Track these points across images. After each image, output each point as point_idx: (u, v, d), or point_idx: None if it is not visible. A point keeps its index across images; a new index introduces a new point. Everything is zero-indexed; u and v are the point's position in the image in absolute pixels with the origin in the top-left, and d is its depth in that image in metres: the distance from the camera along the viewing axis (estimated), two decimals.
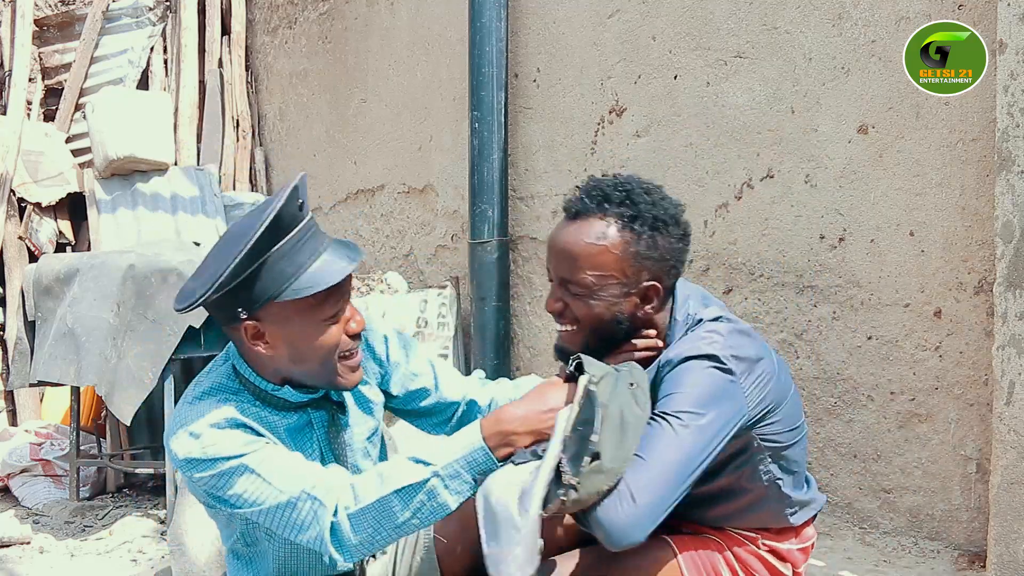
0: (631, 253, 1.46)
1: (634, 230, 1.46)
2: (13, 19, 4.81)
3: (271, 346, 1.41)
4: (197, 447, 1.38)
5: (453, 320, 3.31)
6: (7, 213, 4.34)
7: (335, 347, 1.42)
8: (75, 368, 3.09)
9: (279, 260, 1.35)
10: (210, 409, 1.42)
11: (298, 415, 1.50)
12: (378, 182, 3.98)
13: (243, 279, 1.34)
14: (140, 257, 3.03)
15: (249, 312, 1.37)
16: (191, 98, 4.81)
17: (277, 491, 1.37)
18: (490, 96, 3.12)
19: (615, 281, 1.47)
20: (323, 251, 1.39)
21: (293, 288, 1.35)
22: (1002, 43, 1.89)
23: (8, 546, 3.07)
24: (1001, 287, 1.89)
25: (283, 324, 1.39)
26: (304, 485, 1.36)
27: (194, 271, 1.43)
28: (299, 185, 1.37)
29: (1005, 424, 1.89)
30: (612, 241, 1.46)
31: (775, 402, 1.47)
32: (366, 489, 1.34)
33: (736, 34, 2.53)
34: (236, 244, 1.34)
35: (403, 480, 1.33)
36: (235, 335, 1.43)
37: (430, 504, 1.33)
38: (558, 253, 1.50)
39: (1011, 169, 1.87)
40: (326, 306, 1.39)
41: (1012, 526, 1.88)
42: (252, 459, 1.38)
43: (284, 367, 1.44)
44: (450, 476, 1.32)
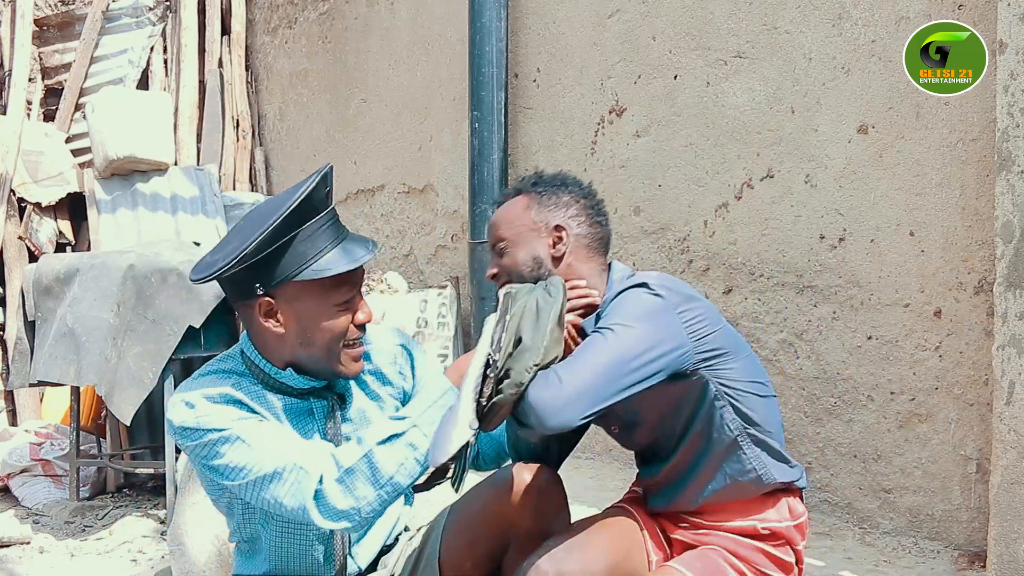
0: (535, 206, 1.69)
1: (538, 191, 1.71)
2: (13, 19, 4.81)
3: (281, 324, 1.45)
4: (191, 416, 1.43)
5: (453, 320, 3.31)
6: (7, 213, 4.34)
7: (342, 333, 1.47)
8: (75, 368, 3.09)
9: (302, 241, 1.41)
10: (209, 384, 1.47)
11: (300, 402, 1.52)
12: (378, 182, 3.98)
13: (266, 254, 1.39)
14: (140, 257, 3.03)
15: (266, 288, 1.42)
16: (191, 98, 4.81)
17: (262, 460, 1.40)
18: (490, 96, 3.12)
19: (526, 229, 1.68)
20: (343, 239, 1.46)
21: (312, 269, 1.41)
22: (1002, 43, 1.89)
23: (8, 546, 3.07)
24: (1001, 287, 1.89)
25: (296, 304, 1.44)
26: (290, 455, 1.40)
27: (216, 247, 1.47)
28: (328, 173, 1.44)
29: (1005, 424, 1.89)
30: (519, 201, 1.71)
31: (726, 348, 1.57)
32: (347, 453, 1.40)
33: (736, 34, 2.53)
34: (262, 221, 1.39)
35: (383, 433, 1.39)
36: (247, 312, 1.47)
37: (413, 455, 1.38)
38: (488, 231, 1.75)
39: (1011, 169, 1.87)
40: (339, 292, 1.45)
41: (1012, 526, 1.88)
42: (240, 428, 1.42)
43: (291, 348, 1.47)
44: (427, 423, 1.39)
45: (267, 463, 1.39)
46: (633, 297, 1.54)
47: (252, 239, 1.37)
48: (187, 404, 1.44)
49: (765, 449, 1.62)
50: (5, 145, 4.33)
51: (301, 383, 1.51)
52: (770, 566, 1.63)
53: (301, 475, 1.39)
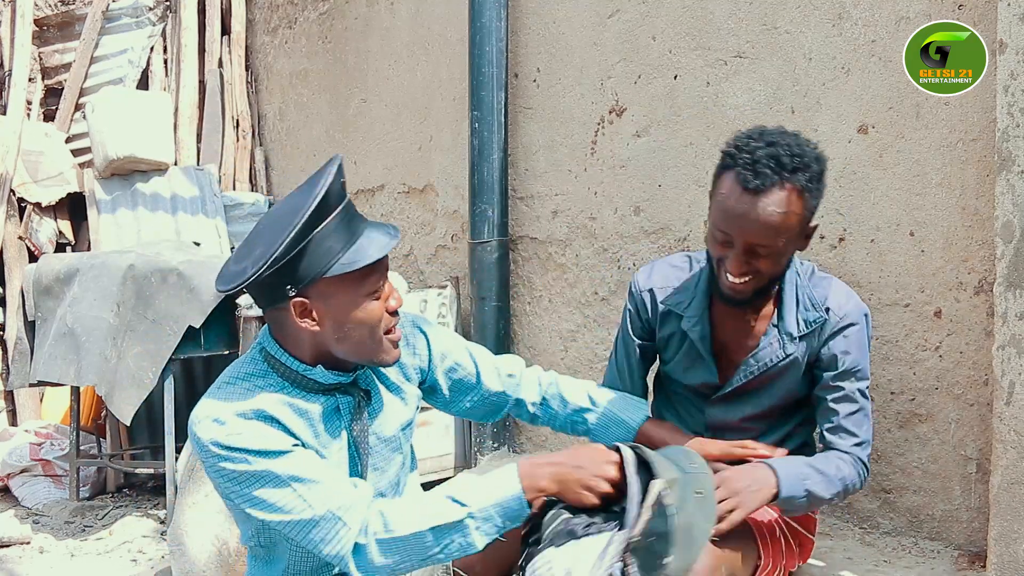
0: (809, 209, 1.65)
1: (809, 190, 1.63)
2: (13, 19, 4.82)
3: (317, 322, 1.44)
4: (222, 433, 1.40)
5: (453, 320, 3.31)
6: (7, 213, 4.34)
7: (378, 321, 1.47)
8: (75, 368, 3.09)
9: (327, 237, 1.40)
10: (237, 396, 1.45)
11: (326, 398, 1.51)
12: (378, 182, 3.98)
13: (293, 255, 1.37)
14: (140, 257, 3.04)
15: (298, 289, 1.41)
16: (191, 98, 4.81)
17: (303, 505, 1.39)
18: (490, 96, 3.12)
19: (796, 234, 1.66)
20: (365, 228, 1.45)
21: (341, 263, 1.40)
22: (1002, 43, 1.89)
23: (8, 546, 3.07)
24: (1001, 287, 1.89)
25: (329, 300, 1.43)
26: (330, 504, 1.39)
27: (237, 255, 1.44)
28: (341, 164, 1.43)
29: (1005, 424, 1.89)
30: (796, 207, 1.62)
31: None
32: (399, 519, 1.39)
33: (736, 34, 2.53)
34: (286, 222, 1.38)
35: (439, 519, 1.39)
36: (280, 315, 1.46)
37: (459, 541, 1.40)
38: (749, 227, 1.62)
39: (1011, 169, 1.87)
40: (369, 281, 1.44)
41: (1012, 526, 1.88)
42: (280, 466, 1.40)
43: (327, 344, 1.47)
44: (483, 519, 1.40)
45: (307, 507, 1.39)
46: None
47: (280, 242, 1.35)
48: (216, 420, 1.41)
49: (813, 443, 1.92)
50: (5, 145, 4.33)
51: (331, 379, 1.50)
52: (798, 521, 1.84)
53: (342, 528, 1.39)
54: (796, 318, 1.75)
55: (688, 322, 1.83)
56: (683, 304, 1.85)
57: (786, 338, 1.75)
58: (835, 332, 1.74)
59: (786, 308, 1.76)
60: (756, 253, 1.64)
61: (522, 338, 3.29)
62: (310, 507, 1.39)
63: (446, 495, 1.41)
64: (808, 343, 1.76)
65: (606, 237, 2.96)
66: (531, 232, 3.22)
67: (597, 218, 2.98)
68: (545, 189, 3.16)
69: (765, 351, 1.77)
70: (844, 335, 1.74)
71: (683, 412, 1.93)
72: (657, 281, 1.90)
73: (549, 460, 1.46)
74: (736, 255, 1.65)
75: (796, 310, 1.76)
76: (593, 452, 1.47)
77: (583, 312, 3.06)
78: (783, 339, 1.76)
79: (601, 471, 1.44)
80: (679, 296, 1.86)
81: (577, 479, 1.43)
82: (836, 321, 1.74)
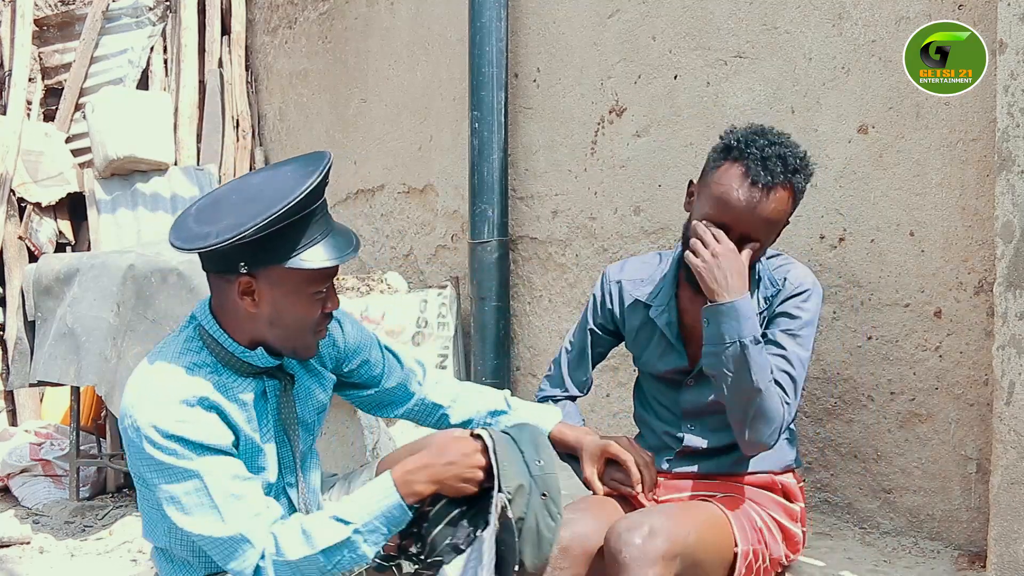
0: (793, 209, 1.79)
1: (800, 192, 1.78)
2: (13, 19, 4.81)
3: (256, 304, 1.48)
4: (165, 418, 1.42)
5: (453, 320, 3.32)
6: (7, 213, 4.34)
7: (313, 321, 1.53)
8: (75, 368, 3.09)
9: (295, 229, 1.43)
10: (176, 378, 1.47)
11: (255, 382, 1.56)
12: (378, 182, 3.98)
13: (260, 237, 1.40)
14: (140, 257, 3.03)
15: (250, 268, 1.45)
16: (191, 98, 4.81)
17: (219, 521, 1.42)
18: (490, 96, 3.12)
19: (779, 229, 1.81)
20: (330, 233, 1.49)
21: (299, 258, 1.44)
22: (1002, 43, 1.89)
23: (8, 546, 3.07)
24: (1001, 287, 1.89)
25: (275, 287, 1.47)
26: (243, 526, 1.43)
27: (201, 216, 1.46)
28: (330, 165, 1.47)
29: (1005, 424, 1.89)
30: (788, 206, 1.77)
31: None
32: (292, 544, 1.45)
33: (736, 34, 2.53)
34: (260, 202, 1.41)
35: (327, 541, 1.44)
36: (222, 286, 1.49)
37: (349, 556, 1.45)
38: (753, 220, 1.72)
39: (1011, 169, 1.87)
40: (316, 282, 1.49)
41: (1012, 526, 1.88)
42: (212, 469, 1.43)
43: (259, 328, 1.51)
44: (369, 531, 1.45)
45: (222, 527, 1.42)
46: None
47: (251, 223, 1.38)
48: (159, 404, 1.44)
49: (794, 435, 1.95)
50: (5, 145, 4.33)
51: (269, 362, 1.55)
52: (779, 511, 1.87)
53: (249, 549, 1.43)
54: (757, 297, 1.84)
55: (655, 310, 1.92)
56: (652, 294, 1.94)
57: None
58: (787, 297, 1.82)
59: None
60: (744, 243, 1.74)
61: (522, 338, 3.29)
62: (225, 523, 1.42)
63: (330, 515, 1.46)
64: (765, 317, 1.83)
65: (606, 237, 2.96)
66: (531, 232, 3.22)
67: (597, 218, 2.98)
68: (545, 189, 3.16)
69: None
70: (795, 298, 1.81)
71: (660, 406, 1.98)
72: (627, 274, 2.00)
73: (418, 462, 1.50)
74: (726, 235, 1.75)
75: (757, 290, 1.84)
76: (458, 443, 1.52)
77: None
78: None
79: (472, 461, 1.50)
80: (647, 287, 1.95)
81: (453, 475, 1.49)
82: (790, 289, 1.82)
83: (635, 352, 2.00)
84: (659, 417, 1.97)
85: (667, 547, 1.60)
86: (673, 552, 1.60)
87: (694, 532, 1.66)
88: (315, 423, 1.69)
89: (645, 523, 1.63)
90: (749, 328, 1.69)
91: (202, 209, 1.48)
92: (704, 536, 1.69)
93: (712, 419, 1.89)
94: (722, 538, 1.73)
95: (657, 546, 1.59)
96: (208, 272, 1.52)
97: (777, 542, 1.84)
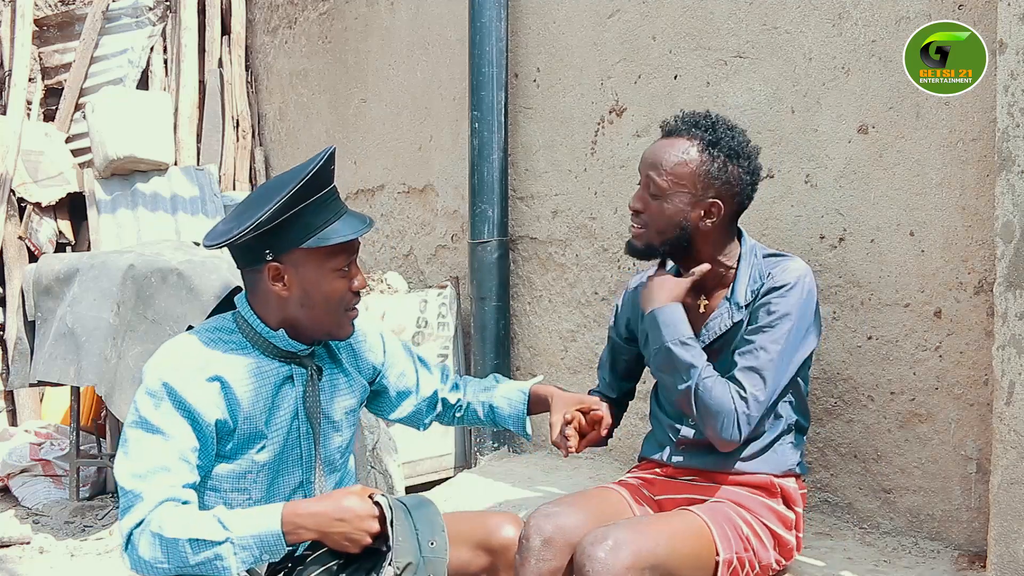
0: (703, 171, 1.81)
1: (711, 153, 1.81)
2: (13, 19, 4.81)
3: (287, 287, 1.60)
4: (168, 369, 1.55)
5: (453, 320, 3.32)
6: (7, 213, 4.34)
7: (341, 297, 1.63)
8: (75, 368, 3.09)
9: (310, 212, 1.57)
10: (194, 345, 1.60)
11: (282, 365, 1.66)
12: (378, 182, 3.98)
13: (278, 223, 1.54)
14: (140, 257, 3.03)
15: (275, 254, 1.58)
16: (191, 98, 4.81)
17: (139, 470, 1.49)
18: (490, 96, 3.12)
19: (686, 191, 1.82)
20: (343, 213, 1.62)
21: (318, 237, 1.57)
22: (1002, 43, 1.89)
23: (8, 546, 3.07)
24: (1001, 287, 1.89)
25: (300, 268, 1.59)
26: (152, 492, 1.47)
27: (228, 217, 1.63)
28: (332, 152, 1.59)
29: (1005, 424, 1.89)
30: (691, 157, 1.82)
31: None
32: (170, 523, 1.46)
33: (736, 34, 2.53)
34: (274, 194, 1.54)
35: (201, 533, 1.46)
36: (254, 275, 1.62)
37: (216, 563, 1.46)
38: (649, 159, 1.86)
39: (1011, 169, 1.87)
40: (338, 259, 1.61)
41: (1012, 526, 1.88)
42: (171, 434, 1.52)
43: (292, 309, 1.62)
44: (242, 547, 1.47)
45: (134, 481, 1.49)
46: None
47: (268, 208, 1.51)
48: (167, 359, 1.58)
49: (801, 440, 1.95)
50: (5, 145, 4.33)
51: (289, 345, 1.65)
52: (772, 518, 1.85)
53: (137, 506, 1.47)
54: (745, 290, 1.87)
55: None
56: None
57: (734, 307, 1.87)
58: (767, 291, 1.84)
59: (739, 282, 1.88)
60: (650, 192, 1.83)
61: (522, 338, 3.29)
62: (140, 479, 1.48)
63: (215, 516, 1.48)
64: (749, 312, 1.86)
65: (606, 237, 2.96)
66: (531, 232, 3.22)
67: (597, 218, 2.98)
68: (545, 189, 3.16)
69: (715, 321, 1.89)
70: (773, 292, 1.83)
71: (667, 402, 2.00)
72: (640, 280, 2.05)
73: (312, 509, 1.50)
74: (638, 192, 1.88)
75: (747, 283, 1.87)
76: (356, 504, 1.52)
77: (583, 312, 3.06)
78: (732, 309, 1.87)
79: (363, 526, 1.50)
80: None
81: (340, 532, 1.50)
82: (770, 284, 1.84)
83: (646, 354, 2.01)
84: (666, 412, 2.00)
85: (632, 560, 1.60)
86: (640, 565, 1.60)
87: (665, 543, 1.66)
88: (343, 423, 1.75)
89: (610, 536, 1.63)
90: (671, 333, 1.82)
91: (229, 215, 1.64)
92: (677, 546, 1.68)
93: None
94: (700, 547, 1.72)
95: (621, 559, 1.59)
96: (242, 269, 1.64)
97: (767, 548, 1.83)
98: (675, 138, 1.84)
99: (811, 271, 1.88)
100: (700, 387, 1.78)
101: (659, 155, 1.83)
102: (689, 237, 1.85)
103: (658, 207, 1.83)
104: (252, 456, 1.62)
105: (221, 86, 4.86)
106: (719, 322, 1.88)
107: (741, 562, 1.77)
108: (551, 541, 1.70)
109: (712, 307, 1.91)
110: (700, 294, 1.93)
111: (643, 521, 1.75)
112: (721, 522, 1.77)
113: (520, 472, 3.00)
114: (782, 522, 1.87)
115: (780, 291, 1.82)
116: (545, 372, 3.20)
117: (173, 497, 1.49)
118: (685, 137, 1.83)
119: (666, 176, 1.81)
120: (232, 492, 1.62)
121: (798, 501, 1.92)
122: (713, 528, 1.75)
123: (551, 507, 1.78)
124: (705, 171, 1.81)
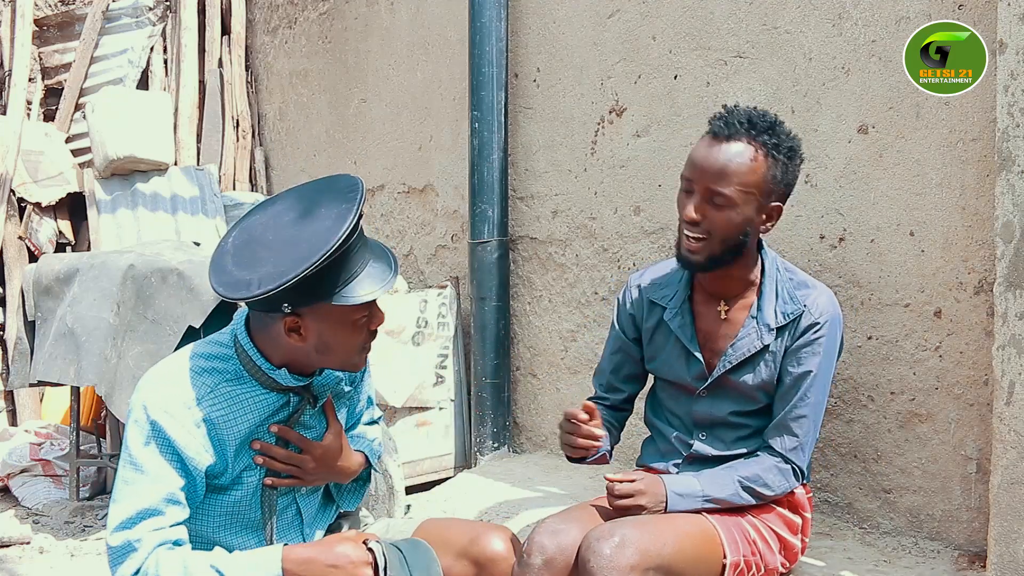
0: (770, 176, 1.73)
1: (775, 156, 1.73)
2: (13, 19, 4.81)
3: (303, 339, 1.50)
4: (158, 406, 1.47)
5: (453, 320, 3.31)
6: (7, 213, 4.34)
7: (360, 342, 1.55)
8: (75, 368, 3.09)
9: (336, 267, 1.44)
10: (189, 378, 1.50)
11: (279, 396, 1.58)
12: (378, 182, 3.98)
13: (302, 281, 1.40)
14: (140, 257, 3.03)
15: (294, 308, 1.46)
16: (191, 98, 4.81)
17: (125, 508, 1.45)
18: (490, 96, 3.12)
19: (754, 198, 1.73)
20: (370, 259, 1.50)
21: (342, 295, 1.45)
22: (1002, 43, 1.89)
23: (8, 546, 3.07)
24: (1001, 287, 1.89)
25: (321, 322, 1.48)
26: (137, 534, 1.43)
27: (240, 258, 1.46)
28: (364, 197, 1.46)
29: (1005, 424, 1.89)
30: (759, 163, 1.71)
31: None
32: (167, 570, 1.43)
33: (736, 34, 2.53)
34: (298, 247, 1.40)
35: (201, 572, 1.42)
36: (267, 320, 1.51)
37: None
38: (709, 167, 1.72)
39: (1011, 169, 1.87)
40: (361, 310, 1.51)
41: (1012, 526, 1.88)
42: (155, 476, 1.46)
43: (304, 356, 1.53)
44: None
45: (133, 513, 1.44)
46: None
47: (295, 273, 1.38)
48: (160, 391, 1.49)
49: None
50: (5, 145, 4.33)
51: (291, 381, 1.56)
52: (779, 523, 1.84)
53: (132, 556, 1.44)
54: (775, 310, 1.81)
55: (669, 312, 1.91)
56: (667, 297, 1.93)
57: (764, 329, 1.81)
58: (807, 328, 1.79)
59: (765, 300, 1.82)
60: (712, 202, 1.71)
61: (522, 338, 3.29)
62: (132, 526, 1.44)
63: (210, 563, 1.44)
64: (783, 337, 1.81)
65: (606, 237, 2.96)
66: (531, 232, 3.22)
67: (597, 218, 2.98)
68: (545, 189, 3.16)
69: (743, 341, 1.82)
70: (815, 333, 1.79)
71: (672, 415, 1.96)
72: (647, 278, 1.99)
73: (306, 554, 1.48)
74: (694, 202, 1.73)
75: (775, 302, 1.81)
76: (351, 551, 1.50)
77: (583, 312, 3.06)
78: (761, 330, 1.81)
79: (357, 573, 1.48)
80: (664, 290, 1.94)
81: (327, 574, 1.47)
82: (812, 320, 1.79)
83: (649, 354, 1.98)
84: (671, 424, 1.96)
85: (637, 559, 1.58)
86: (645, 564, 1.59)
87: (671, 544, 1.64)
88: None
89: (616, 533, 1.61)
90: (690, 503, 1.76)
91: (239, 249, 1.47)
92: (684, 547, 1.66)
93: (724, 431, 1.88)
94: (707, 549, 1.71)
95: (627, 557, 1.57)
96: (252, 309, 1.53)
97: (773, 552, 1.82)
98: (733, 141, 1.71)
99: (835, 298, 1.87)
100: (751, 492, 1.79)
101: (721, 161, 1.70)
102: (747, 244, 1.78)
103: (724, 218, 1.71)
104: (245, 481, 1.59)
105: (221, 86, 4.86)
106: (748, 342, 1.82)
107: (748, 565, 1.76)
108: (552, 562, 1.66)
109: (735, 319, 1.85)
110: (720, 299, 1.87)
111: (651, 520, 1.72)
112: (729, 525, 1.76)
113: (520, 472, 3.00)
114: (789, 527, 1.86)
115: (823, 329, 1.80)
116: (545, 372, 3.20)
117: (164, 541, 1.46)
118: (745, 140, 1.71)
119: (735, 185, 1.70)
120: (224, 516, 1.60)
121: (805, 506, 1.90)
122: (721, 531, 1.74)
123: (555, 523, 1.73)
124: (772, 176, 1.72)
